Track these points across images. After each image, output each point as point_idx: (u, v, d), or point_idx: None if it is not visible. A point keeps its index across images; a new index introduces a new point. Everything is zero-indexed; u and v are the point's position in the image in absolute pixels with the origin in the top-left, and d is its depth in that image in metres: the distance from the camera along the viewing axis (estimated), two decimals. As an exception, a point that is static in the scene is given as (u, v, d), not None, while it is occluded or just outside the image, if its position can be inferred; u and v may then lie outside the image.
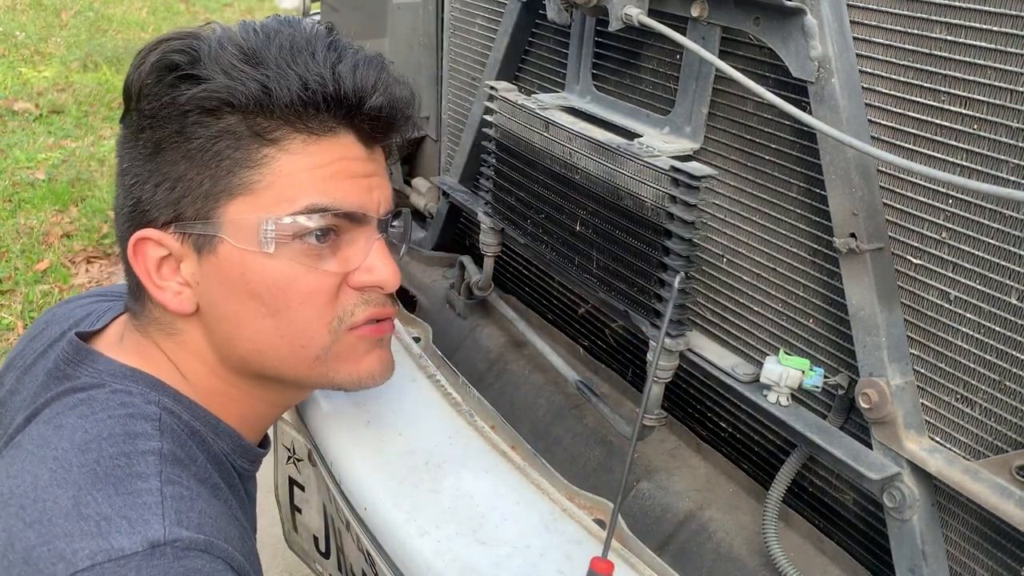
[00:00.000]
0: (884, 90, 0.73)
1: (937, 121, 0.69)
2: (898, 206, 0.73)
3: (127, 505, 0.66)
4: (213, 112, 0.74)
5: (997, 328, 0.68)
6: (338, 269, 0.78)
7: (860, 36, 0.73)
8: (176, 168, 0.75)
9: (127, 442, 0.71)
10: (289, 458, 1.26)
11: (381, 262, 0.80)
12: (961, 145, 0.68)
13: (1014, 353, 0.67)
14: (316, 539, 1.26)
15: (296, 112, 0.75)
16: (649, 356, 0.88)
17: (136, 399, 0.75)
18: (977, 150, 0.67)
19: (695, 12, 0.84)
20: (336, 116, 0.77)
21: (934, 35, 0.68)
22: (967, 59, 0.66)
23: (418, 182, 1.57)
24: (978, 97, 0.66)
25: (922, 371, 0.74)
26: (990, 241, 0.67)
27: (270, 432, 0.98)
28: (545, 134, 0.98)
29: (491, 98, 1.08)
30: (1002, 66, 0.64)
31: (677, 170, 0.81)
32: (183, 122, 0.74)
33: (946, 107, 0.68)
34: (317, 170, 0.76)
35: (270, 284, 0.76)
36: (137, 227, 0.77)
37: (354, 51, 0.79)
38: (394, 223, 0.86)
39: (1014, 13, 0.63)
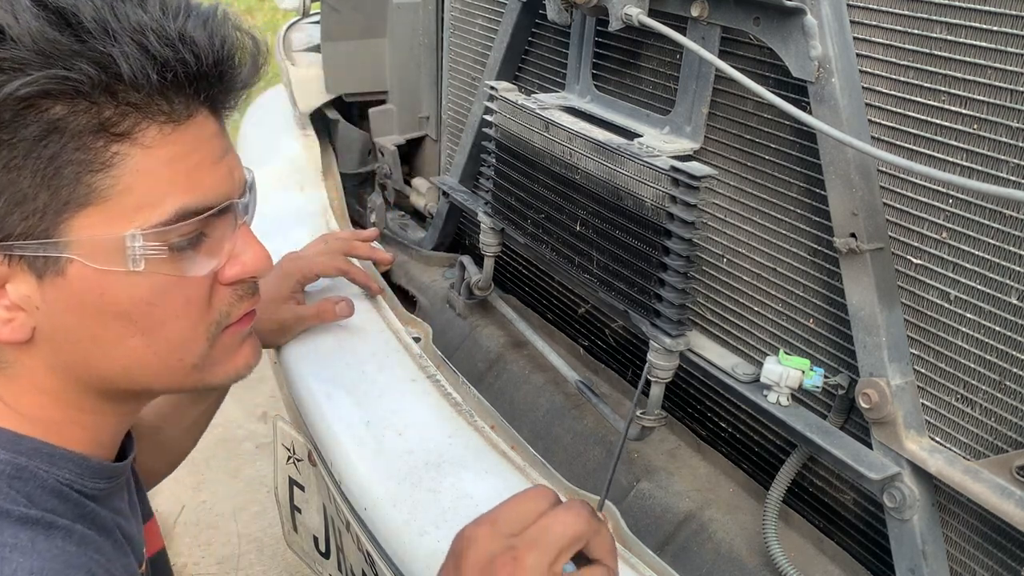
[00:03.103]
0: (884, 90, 0.73)
1: (937, 121, 0.69)
2: (898, 206, 0.73)
3: None
4: (33, 106, 0.59)
5: (997, 328, 0.68)
6: (209, 270, 0.69)
7: (860, 36, 0.73)
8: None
9: None
10: (289, 458, 1.26)
11: (251, 249, 0.71)
12: (961, 145, 0.68)
13: (1014, 353, 0.67)
14: (316, 539, 1.26)
15: (147, 94, 0.61)
16: (650, 356, 0.88)
17: None
18: (977, 150, 0.67)
19: (695, 12, 0.84)
20: (196, 94, 0.65)
21: (934, 35, 0.68)
22: (967, 59, 0.66)
23: (418, 182, 1.57)
24: (978, 97, 0.66)
25: (922, 371, 0.74)
26: (990, 241, 0.67)
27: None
28: (545, 134, 0.98)
29: (491, 98, 1.08)
30: (1002, 66, 0.64)
31: (677, 170, 0.81)
32: None
33: (946, 107, 0.68)
34: (179, 162, 0.64)
35: (139, 303, 0.65)
36: None
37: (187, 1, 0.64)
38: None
39: (1014, 13, 0.63)
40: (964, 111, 0.67)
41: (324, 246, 1.17)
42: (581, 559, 0.64)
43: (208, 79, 0.65)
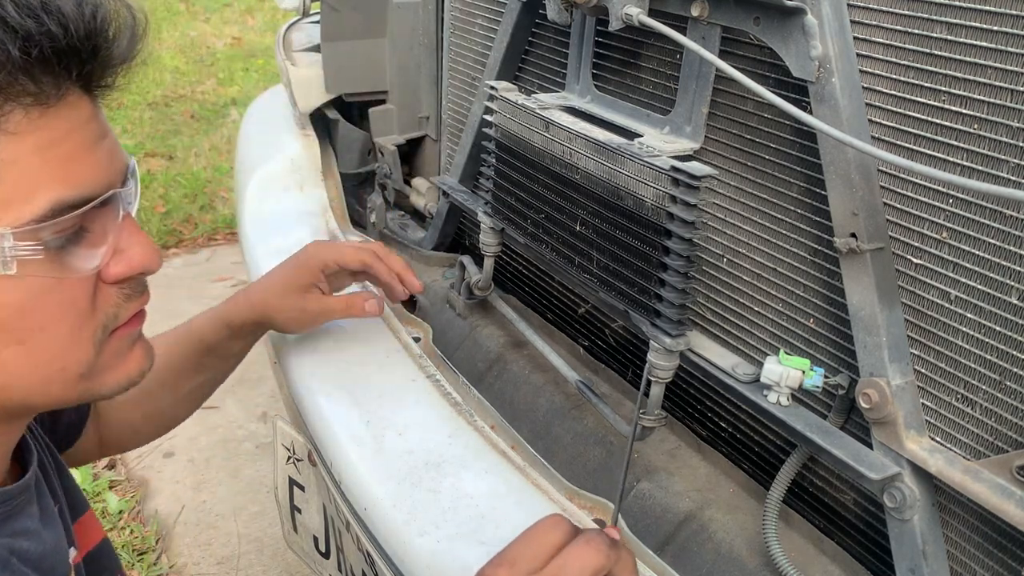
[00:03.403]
0: (884, 90, 0.72)
1: (937, 121, 0.69)
2: (898, 206, 0.73)
3: None
4: None
5: (998, 328, 0.68)
6: (92, 268, 0.62)
7: (860, 36, 0.73)
8: None
9: None
10: (289, 458, 1.26)
11: (138, 243, 0.64)
12: (961, 145, 0.68)
13: (1015, 353, 0.67)
14: (316, 539, 1.26)
15: (9, 72, 0.54)
16: (650, 356, 0.88)
17: None
18: (977, 150, 0.67)
19: (695, 12, 0.84)
20: (67, 71, 0.57)
21: (935, 35, 0.68)
22: (968, 59, 0.66)
23: (418, 182, 1.57)
24: (978, 97, 0.66)
25: (923, 371, 0.74)
26: (991, 241, 0.67)
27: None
28: (545, 134, 0.98)
29: (491, 98, 1.08)
30: (1003, 66, 0.64)
31: (677, 170, 0.81)
32: None
33: (946, 107, 0.68)
34: (51, 150, 0.57)
35: (13, 310, 0.58)
36: None
37: None
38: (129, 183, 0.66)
39: (1014, 13, 0.63)
40: (964, 111, 0.67)
41: (358, 240, 1.14)
42: None
43: (79, 54, 0.57)
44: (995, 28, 0.64)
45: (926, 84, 0.69)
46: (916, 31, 0.69)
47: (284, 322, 1.04)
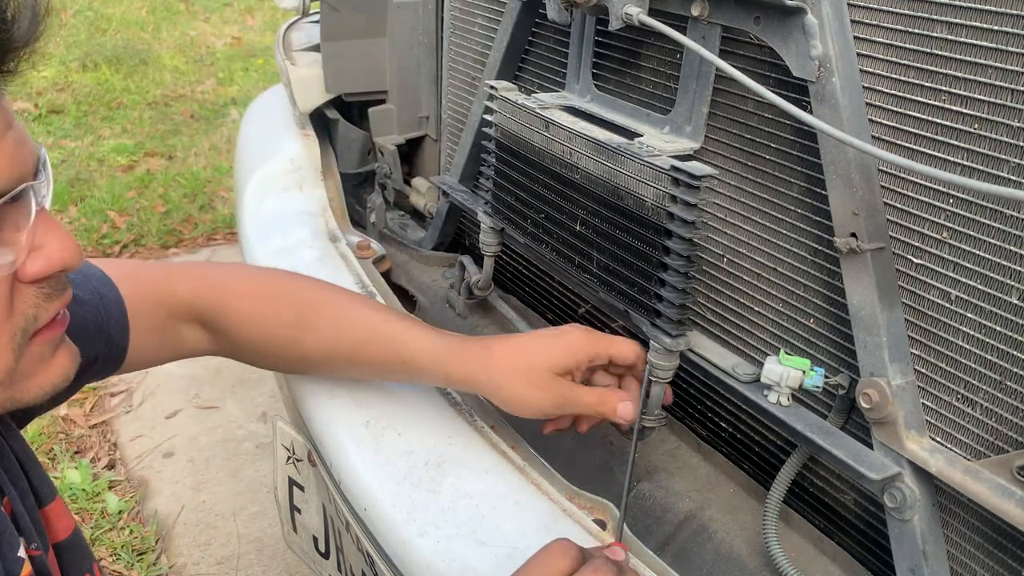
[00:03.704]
0: (885, 89, 0.72)
1: (938, 120, 0.69)
2: (899, 206, 0.73)
3: None
4: None
5: (998, 328, 0.68)
6: (6, 267, 0.57)
7: (861, 35, 0.73)
8: None
9: None
10: (288, 458, 1.25)
11: (56, 239, 0.59)
12: (962, 144, 0.68)
13: (1015, 353, 0.67)
14: (316, 539, 1.26)
15: None
16: (650, 356, 0.88)
17: None
18: (978, 149, 0.67)
19: (695, 11, 0.84)
20: None
21: (935, 34, 0.68)
22: (968, 58, 0.66)
23: (418, 182, 1.57)
24: (979, 97, 0.66)
25: (923, 371, 0.74)
26: (991, 241, 0.67)
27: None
28: (545, 134, 0.98)
29: (491, 98, 1.08)
30: (1003, 65, 0.64)
31: (677, 169, 0.81)
32: None
33: (947, 106, 0.68)
34: None
35: None
36: None
37: None
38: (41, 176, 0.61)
39: (1015, 13, 0.62)
40: (965, 110, 0.67)
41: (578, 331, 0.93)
42: None
43: None
44: (995, 28, 0.64)
45: (926, 84, 0.69)
46: (916, 31, 0.69)
47: (519, 407, 0.89)
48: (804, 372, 0.80)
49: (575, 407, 0.89)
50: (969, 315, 0.70)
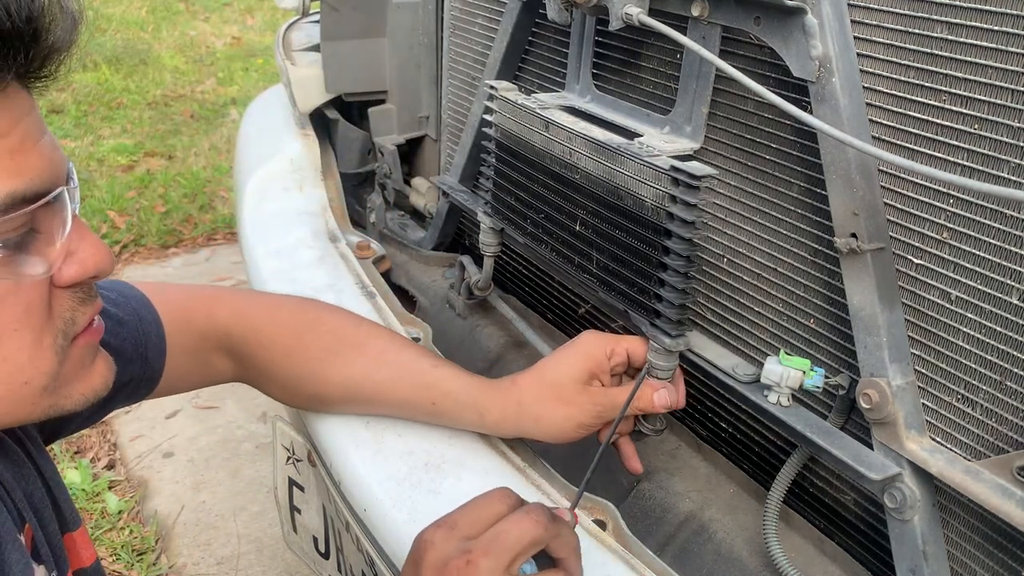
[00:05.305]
0: (885, 90, 0.72)
1: (938, 121, 0.69)
2: (899, 206, 0.73)
3: None
4: None
5: (998, 328, 0.68)
6: (44, 271, 0.58)
7: (861, 35, 0.73)
8: None
9: None
10: (288, 458, 1.25)
11: (90, 244, 0.61)
12: (962, 145, 0.68)
13: (1015, 353, 0.67)
14: (316, 540, 1.26)
15: None
16: (650, 356, 0.88)
17: None
18: (978, 150, 0.66)
19: (696, 11, 0.84)
20: (5, 58, 0.54)
21: (935, 35, 0.68)
22: (968, 59, 0.66)
23: (418, 182, 1.57)
24: (979, 97, 0.66)
25: (923, 371, 0.74)
26: (991, 241, 0.67)
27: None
28: (545, 134, 0.98)
29: (491, 98, 1.08)
30: (1003, 66, 0.64)
31: (677, 170, 0.81)
32: None
33: (947, 107, 0.68)
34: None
35: None
36: None
37: None
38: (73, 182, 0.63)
39: (1015, 13, 0.62)
40: (965, 111, 0.67)
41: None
42: (545, 559, 0.66)
43: (21, 38, 0.54)
44: (995, 28, 0.64)
45: (927, 84, 0.69)
46: (917, 31, 0.69)
47: (560, 432, 0.89)
48: (804, 372, 0.80)
49: (613, 410, 0.87)
50: (969, 315, 0.70)
